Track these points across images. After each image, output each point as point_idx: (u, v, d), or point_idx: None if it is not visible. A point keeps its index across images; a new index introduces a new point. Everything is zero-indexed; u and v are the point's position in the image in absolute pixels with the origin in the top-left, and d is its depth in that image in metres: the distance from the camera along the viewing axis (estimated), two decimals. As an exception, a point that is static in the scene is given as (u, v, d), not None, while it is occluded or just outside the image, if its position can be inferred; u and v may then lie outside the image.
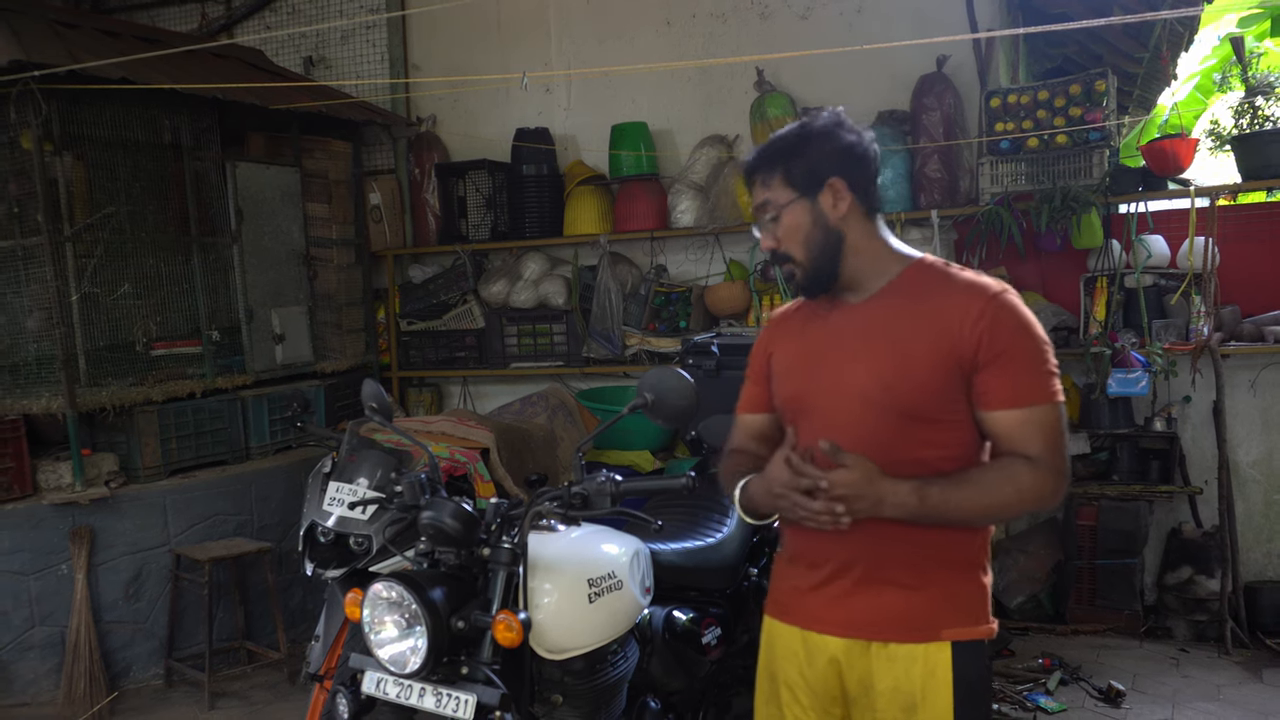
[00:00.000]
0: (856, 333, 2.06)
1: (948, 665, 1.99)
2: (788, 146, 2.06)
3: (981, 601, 2.06)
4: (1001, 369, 1.95)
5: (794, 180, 2.04)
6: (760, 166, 2.08)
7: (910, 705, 2.00)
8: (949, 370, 1.97)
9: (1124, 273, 5.08)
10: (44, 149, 4.57)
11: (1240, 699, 4.28)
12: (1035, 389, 1.95)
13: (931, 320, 1.99)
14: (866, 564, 2.02)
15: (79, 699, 4.61)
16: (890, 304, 2.05)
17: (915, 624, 2.01)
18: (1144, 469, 5.05)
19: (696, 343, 3.90)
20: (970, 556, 2.06)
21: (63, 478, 4.79)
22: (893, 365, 1.99)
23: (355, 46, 6.75)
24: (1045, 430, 1.94)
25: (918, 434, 1.99)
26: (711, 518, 3.25)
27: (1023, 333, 1.96)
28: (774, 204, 2.06)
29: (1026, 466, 1.93)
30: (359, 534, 3.10)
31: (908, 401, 1.98)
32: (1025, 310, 1.99)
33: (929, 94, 5.25)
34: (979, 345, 1.94)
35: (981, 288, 2.00)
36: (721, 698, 3.16)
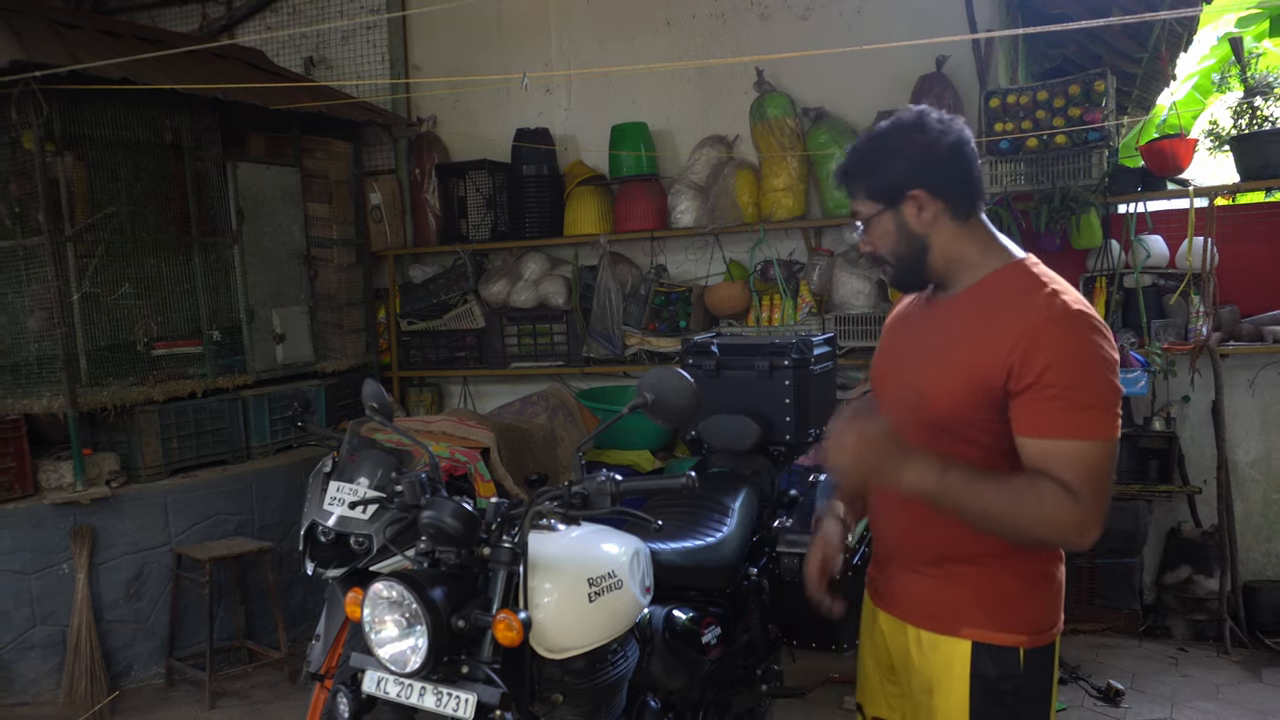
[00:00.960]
0: (925, 332, 2.12)
1: (965, 661, 2.02)
2: (865, 161, 2.08)
3: (1013, 607, 2.03)
4: (1033, 396, 1.87)
5: (876, 195, 2.06)
6: (845, 180, 2.13)
7: (928, 688, 2.10)
8: (976, 389, 1.93)
9: (1123, 273, 5.10)
10: (45, 149, 4.58)
11: (1239, 698, 4.29)
12: (1076, 423, 1.84)
13: (981, 334, 1.96)
14: (907, 552, 2.14)
15: (80, 698, 4.62)
16: (959, 309, 2.05)
17: (939, 616, 2.08)
18: (1143, 469, 5.06)
19: (696, 343, 3.89)
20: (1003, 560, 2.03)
21: (64, 477, 4.80)
22: (933, 374, 2.01)
23: (356, 47, 6.76)
24: (1081, 466, 1.84)
25: (951, 446, 1.97)
26: (711, 518, 3.25)
27: (1072, 360, 1.86)
28: (863, 215, 2.11)
29: (1057, 489, 1.84)
30: (359, 533, 3.10)
31: (935, 414, 2.00)
32: (1093, 335, 1.88)
33: (928, 94, 5.26)
34: (1013, 368, 1.88)
35: (1042, 306, 1.91)
36: (721, 697, 3.16)
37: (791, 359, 3.51)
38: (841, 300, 5.41)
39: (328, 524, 3.14)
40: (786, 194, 5.52)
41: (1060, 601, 2.12)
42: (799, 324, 5.46)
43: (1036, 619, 2.05)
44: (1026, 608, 2.04)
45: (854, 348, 5.33)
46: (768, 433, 3.48)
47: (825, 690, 4.47)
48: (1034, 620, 2.04)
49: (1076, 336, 1.87)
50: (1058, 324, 1.88)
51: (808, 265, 5.58)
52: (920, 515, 2.02)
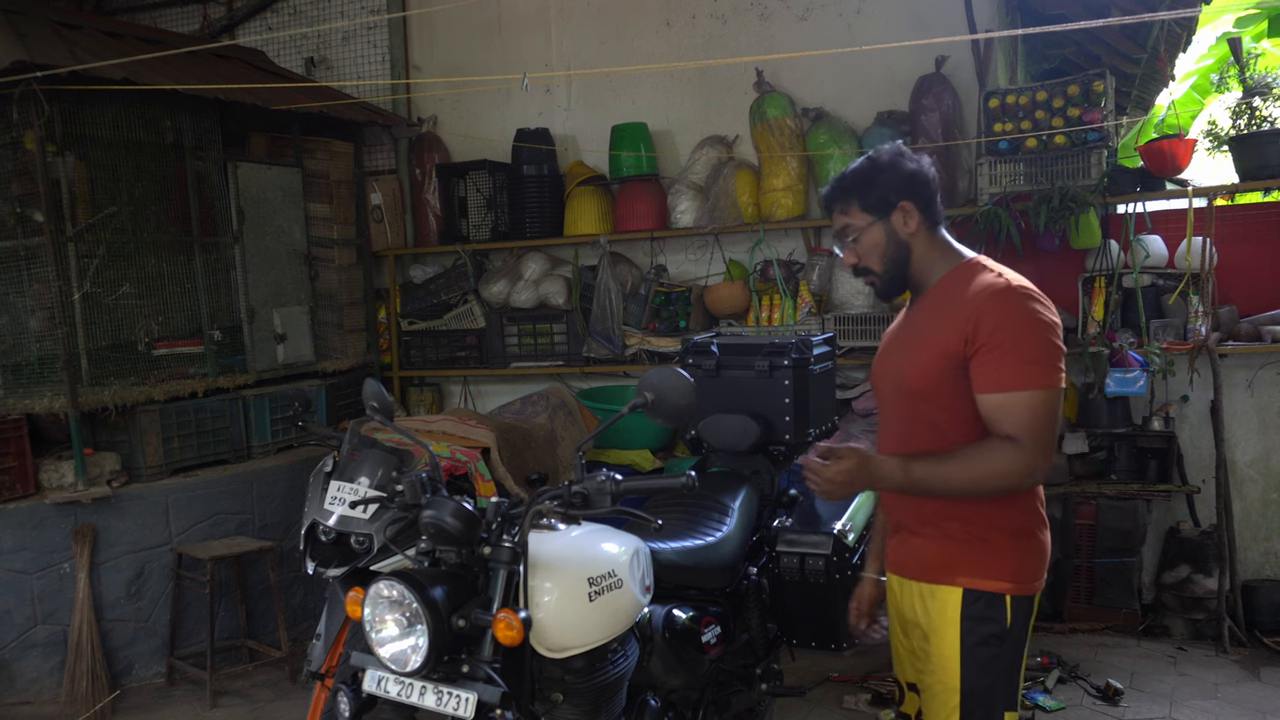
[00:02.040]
0: (904, 328, 2.52)
1: (957, 606, 2.34)
2: (861, 179, 2.44)
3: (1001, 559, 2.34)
4: (987, 356, 2.24)
5: (869, 207, 2.42)
6: (839, 197, 2.47)
7: (925, 634, 2.42)
8: (946, 357, 2.30)
9: (1122, 273, 5.10)
10: (47, 149, 4.59)
11: (1237, 697, 4.30)
12: (1017, 376, 2.21)
13: (944, 316, 2.33)
14: (912, 522, 2.46)
15: (81, 697, 4.63)
16: (928, 303, 2.44)
17: (935, 568, 2.40)
18: (1142, 468, 5.06)
19: (696, 342, 3.90)
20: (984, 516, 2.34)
21: (65, 477, 4.81)
22: (911, 355, 2.40)
23: (356, 47, 6.77)
24: (1021, 412, 2.20)
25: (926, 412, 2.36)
26: (711, 517, 3.26)
27: (1011, 323, 2.23)
28: (854, 227, 2.45)
29: (1005, 445, 2.21)
30: (360, 533, 3.11)
31: (913, 385, 2.38)
32: (1029, 303, 2.26)
33: (928, 94, 5.27)
34: (968, 335, 2.26)
35: (986, 284, 2.31)
36: (721, 696, 3.18)
37: (791, 359, 3.52)
38: (841, 300, 5.42)
39: (328, 523, 3.15)
40: (786, 194, 5.53)
41: (1043, 562, 2.41)
42: (798, 324, 5.47)
43: (1019, 570, 2.35)
44: (1011, 559, 2.35)
45: (853, 348, 5.34)
46: (767, 432, 3.48)
47: (825, 689, 4.49)
48: (1017, 571, 2.35)
49: (1016, 304, 2.25)
50: (1000, 295, 2.27)
51: (807, 265, 5.59)
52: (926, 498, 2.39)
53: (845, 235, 2.48)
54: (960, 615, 2.34)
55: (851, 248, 2.47)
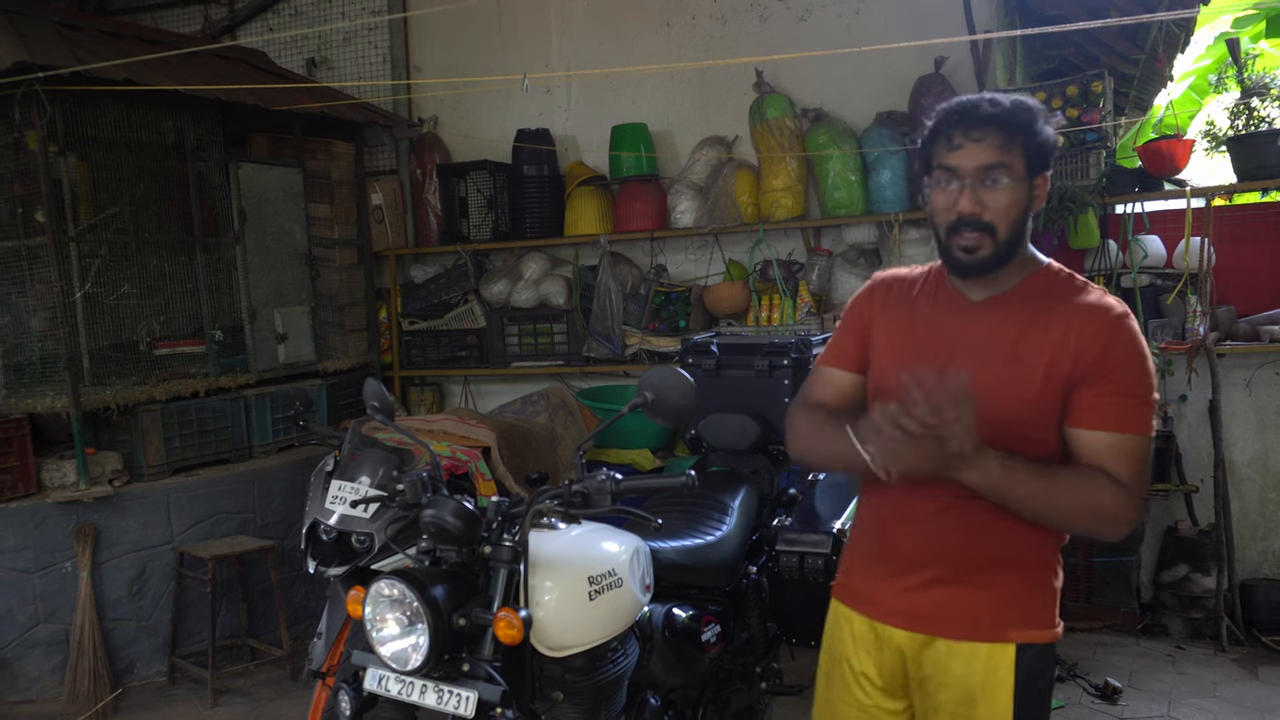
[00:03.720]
0: (972, 336, 2.03)
1: (1010, 665, 2.01)
2: (1035, 120, 1.95)
3: (1050, 605, 2.07)
4: (1104, 390, 1.92)
5: (1030, 157, 1.94)
6: (1008, 127, 1.92)
7: (970, 699, 2.02)
8: (1056, 385, 1.95)
9: (1120, 273, 5.11)
10: (48, 150, 4.60)
11: (1236, 696, 4.31)
12: (1134, 418, 1.92)
13: (1048, 333, 1.96)
14: (938, 561, 2.04)
15: (83, 696, 4.64)
16: (1009, 307, 2.01)
17: (981, 624, 2.03)
18: (1140, 467, 5.07)
19: (696, 342, 3.91)
20: (1040, 559, 2.07)
21: (67, 476, 4.82)
22: (1003, 375, 1.97)
23: (357, 48, 6.78)
24: (1135, 459, 1.92)
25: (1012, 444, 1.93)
26: (711, 516, 3.27)
27: (1135, 359, 1.93)
28: (1010, 172, 1.93)
29: (1111, 484, 1.90)
30: (361, 532, 3.12)
31: (1010, 415, 1.95)
32: (1140, 337, 1.96)
33: (927, 95, 5.27)
34: (1089, 363, 1.92)
35: (1104, 307, 1.96)
36: (720, 695, 3.19)
37: (791, 358, 3.54)
38: (840, 300, 5.43)
39: (329, 522, 3.16)
40: (786, 194, 5.54)
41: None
42: (798, 323, 5.48)
43: (1056, 610, 2.09)
44: (1054, 605, 2.08)
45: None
46: (767, 432, 3.49)
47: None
48: (1055, 612, 2.09)
49: (1137, 338, 1.95)
50: (1124, 323, 1.94)
51: (807, 265, 5.60)
52: (959, 523, 2.00)
53: (989, 174, 1.93)
54: (1015, 675, 2.01)
55: (984, 193, 1.93)
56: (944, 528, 2.02)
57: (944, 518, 2.02)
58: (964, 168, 1.94)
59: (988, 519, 1.98)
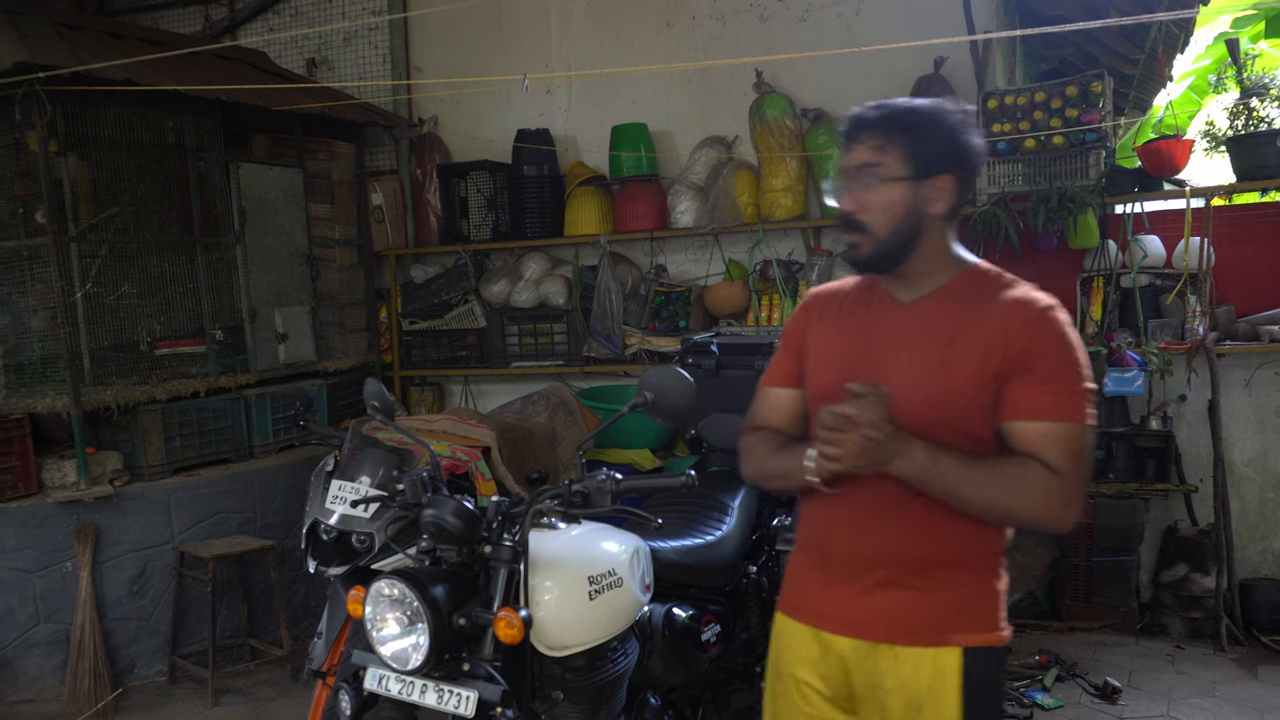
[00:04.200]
0: (903, 335, 2.03)
1: (957, 669, 1.98)
2: (921, 120, 1.98)
3: (994, 608, 2.03)
4: (1031, 381, 1.92)
5: (913, 158, 1.96)
6: (884, 126, 1.98)
7: (917, 705, 1.99)
8: (985, 380, 1.95)
9: (1120, 273, 5.11)
10: (49, 150, 4.60)
11: (1235, 695, 4.31)
12: (1063, 406, 1.92)
13: (979, 330, 1.97)
14: (879, 567, 2.01)
15: (83, 696, 4.65)
16: (940, 309, 2.02)
17: (925, 628, 1.99)
18: (1140, 467, 5.07)
19: (696, 342, 3.93)
20: (984, 561, 2.03)
21: (67, 476, 4.82)
22: (936, 374, 1.97)
23: (357, 48, 6.79)
24: (1069, 447, 1.90)
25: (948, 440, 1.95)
26: (711, 516, 3.28)
27: (1063, 349, 1.94)
28: (882, 171, 1.97)
29: (1044, 471, 1.89)
30: (361, 532, 3.12)
31: (946, 413, 1.96)
32: (1069, 327, 1.97)
33: (927, 95, 5.22)
34: (1017, 355, 1.93)
35: (1030, 300, 1.98)
36: (720, 694, 3.19)
37: (790, 359, 3.53)
38: (840, 300, 5.42)
39: (330, 522, 3.17)
40: (785, 194, 5.54)
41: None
42: (798, 324, 5.47)
43: (1003, 616, 2.05)
44: (999, 607, 2.05)
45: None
46: (766, 432, 3.49)
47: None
48: (1002, 617, 2.05)
49: (1065, 329, 1.96)
50: (1049, 315, 1.96)
51: (806, 265, 5.60)
52: (899, 527, 1.99)
53: (863, 174, 1.99)
54: (962, 681, 1.97)
55: (860, 192, 2.00)
56: (884, 532, 2.00)
57: (884, 522, 2.00)
58: (848, 168, 2.03)
59: (928, 522, 1.97)
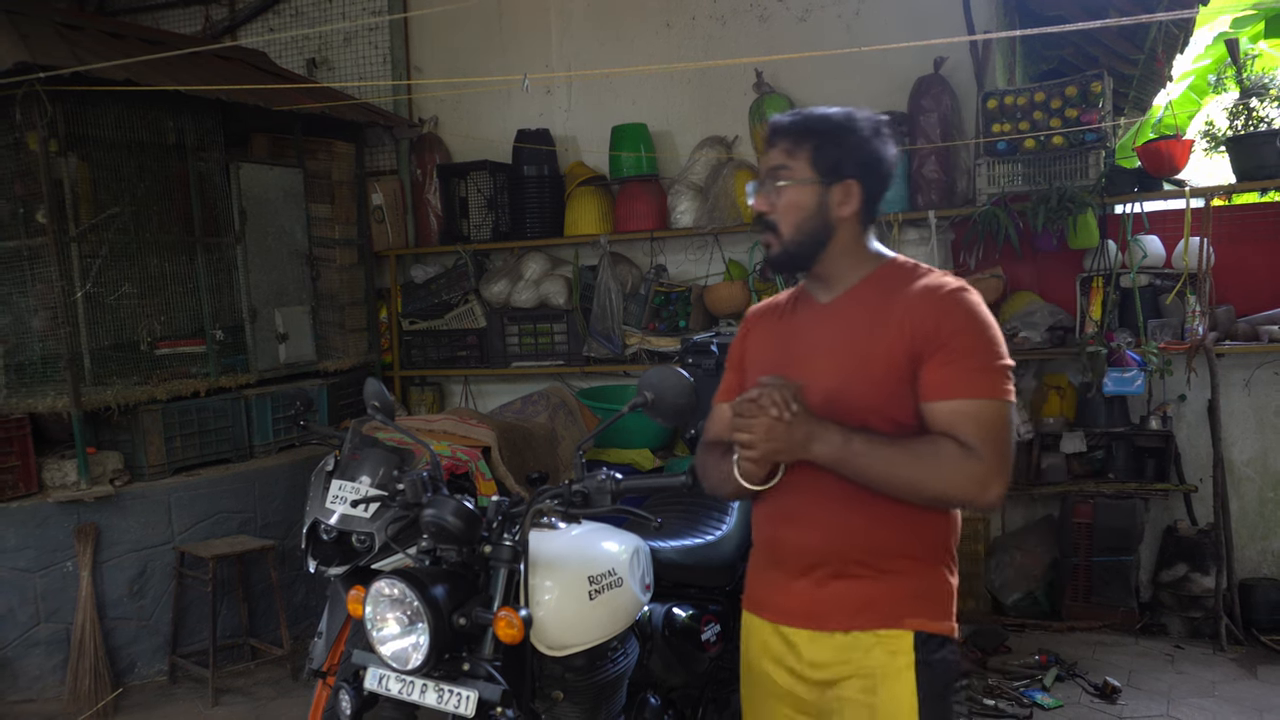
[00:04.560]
0: (821, 331, 2.12)
1: (909, 651, 2.02)
2: (828, 128, 2.06)
3: (945, 601, 2.08)
4: (941, 362, 1.96)
5: (819, 163, 2.05)
6: (790, 134, 2.07)
7: (871, 686, 2.03)
8: (902, 367, 1.99)
9: (1120, 272, 5.11)
10: (49, 150, 4.61)
11: (1234, 695, 4.31)
12: (978, 383, 1.95)
13: (887, 318, 2.02)
14: (832, 559, 2.06)
15: (84, 695, 4.65)
16: (854, 303, 2.09)
17: (878, 611, 2.04)
18: (1139, 467, 5.08)
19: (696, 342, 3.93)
20: (933, 552, 2.08)
21: (68, 476, 4.83)
22: (851, 364, 2.03)
23: (358, 48, 6.79)
24: (982, 423, 1.93)
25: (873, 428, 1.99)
26: (711, 516, 3.28)
27: (969, 328, 1.98)
28: (790, 174, 2.07)
29: (957, 448, 1.92)
30: (361, 531, 3.13)
31: (864, 400, 2.01)
32: (978, 307, 2.01)
33: (926, 95, 5.29)
34: (924, 338, 1.97)
35: (936, 285, 2.03)
36: (720, 694, 3.19)
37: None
38: (840, 300, 5.43)
39: (330, 522, 3.17)
40: (786, 194, 5.53)
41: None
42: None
43: (953, 610, 2.10)
44: (950, 600, 2.10)
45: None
46: (766, 432, 3.49)
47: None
48: (952, 611, 2.10)
49: (975, 307, 2.01)
50: (957, 296, 2.01)
51: (807, 265, 5.59)
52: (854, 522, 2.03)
53: (774, 177, 2.08)
54: (915, 661, 2.02)
55: (771, 192, 2.09)
56: (830, 526, 2.05)
57: (829, 516, 2.05)
58: (762, 171, 2.14)
59: (872, 513, 2.02)
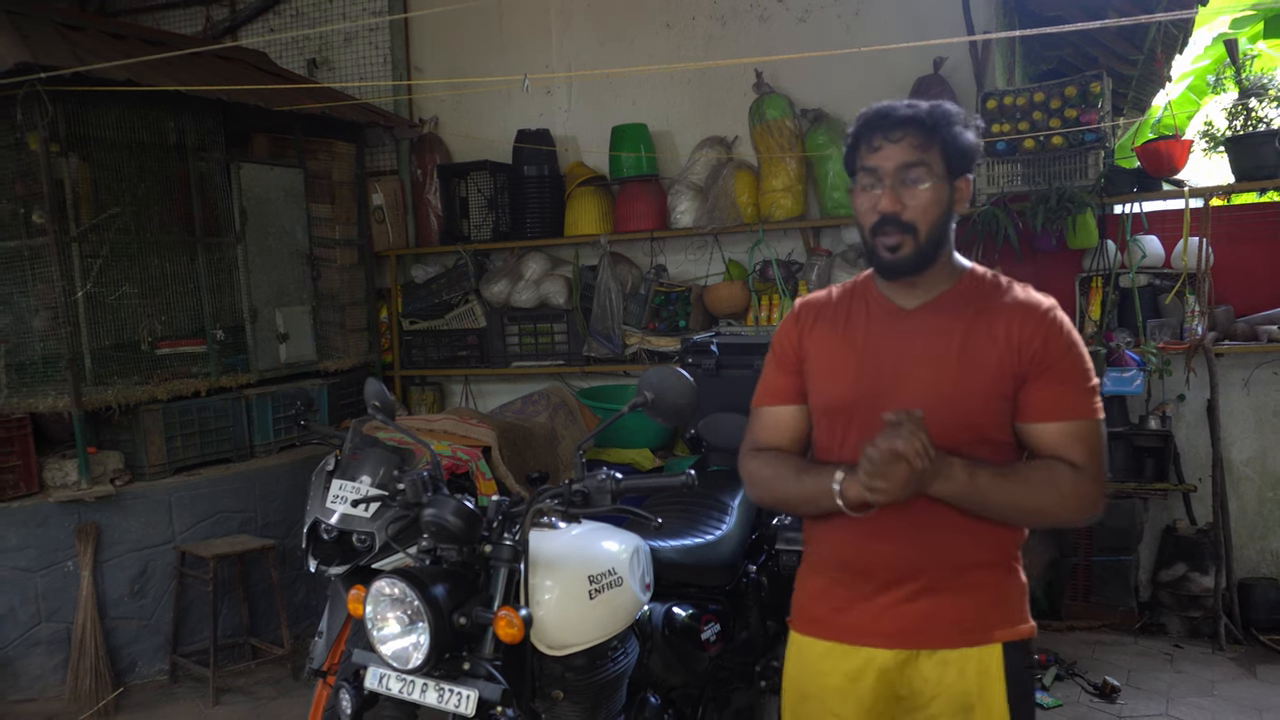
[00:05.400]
0: (917, 340, 2.04)
1: (1000, 665, 2.02)
2: (953, 122, 2.00)
3: (1022, 601, 2.10)
4: (1050, 382, 1.97)
5: (950, 158, 1.99)
6: (925, 128, 1.97)
7: (967, 706, 2.02)
8: (1006, 384, 1.99)
9: (1119, 273, 5.12)
10: (50, 150, 4.61)
11: (1234, 694, 4.32)
12: (1082, 404, 1.98)
13: (990, 333, 2.00)
14: (914, 574, 2.02)
15: (85, 694, 4.66)
16: (945, 313, 2.04)
17: (967, 628, 2.02)
18: (1139, 467, 5.08)
19: (696, 342, 3.93)
20: (1009, 557, 2.08)
21: (69, 475, 4.83)
22: (955, 377, 1.99)
23: (358, 49, 6.79)
24: (1089, 443, 1.97)
25: (973, 446, 1.97)
26: (711, 515, 3.28)
27: (1072, 349, 2.00)
28: (929, 171, 1.97)
29: (1070, 471, 1.95)
30: (362, 531, 3.13)
31: (968, 416, 1.98)
32: (1073, 329, 2.04)
33: (926, 95, 5.20)
34: (1031, 358, 1.97)
35: (1035, 302, 2.04)
36: (720, 693, 3.20)
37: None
38: (840, 300, 5.43)
39: (330, 521, 3.17)
40: (785, 195, 5.55)
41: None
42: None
43: (1027, 607, 2.12)
44: (1025, 598, 2.11)
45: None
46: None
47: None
48: (1027, 609, 2.11)
49: (1069, 327, 2.02)
50: (1057, 316, 2.02)
51: (806, 265, 5.61)
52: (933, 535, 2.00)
53: (905, 174, 1.96)
54: (1005, 674, 2.01)
55: (904, 192, 1.97)
56: (918, 541, 2.01)
57: (917, 531, 2.01)
58: (884, 168, 1.98)
59: (959, 526, 1.99)
